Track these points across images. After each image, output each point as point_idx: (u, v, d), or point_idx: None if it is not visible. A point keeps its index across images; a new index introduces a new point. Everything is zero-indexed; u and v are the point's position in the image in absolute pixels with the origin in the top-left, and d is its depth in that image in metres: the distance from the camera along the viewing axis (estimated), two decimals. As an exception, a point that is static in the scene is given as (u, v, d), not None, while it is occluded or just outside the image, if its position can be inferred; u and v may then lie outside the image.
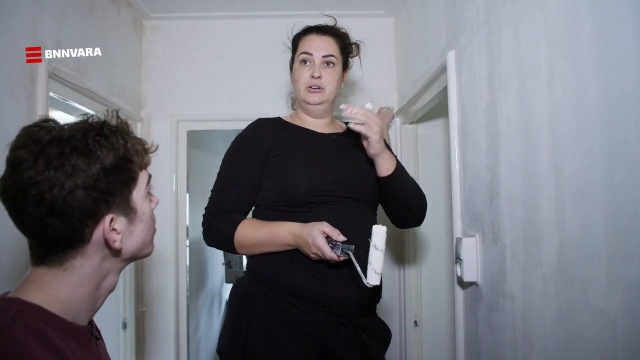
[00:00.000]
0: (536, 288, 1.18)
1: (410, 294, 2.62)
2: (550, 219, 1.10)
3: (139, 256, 0.95)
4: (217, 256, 4.35)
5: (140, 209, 0.91)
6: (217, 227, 1.55)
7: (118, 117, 0.94)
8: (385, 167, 1.52)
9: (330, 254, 1.35)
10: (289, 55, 1.79)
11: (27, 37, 1.62)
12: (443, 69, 1.84)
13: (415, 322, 2.62)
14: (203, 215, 1.59)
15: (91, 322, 0.92)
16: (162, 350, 2.61)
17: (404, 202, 1.62)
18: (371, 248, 1.32)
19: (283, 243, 1.47)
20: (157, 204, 0.98)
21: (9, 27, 1.54)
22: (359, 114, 1.41)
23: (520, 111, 1.24)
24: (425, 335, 2.62)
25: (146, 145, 0.95)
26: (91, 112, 2.06)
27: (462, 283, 1.66)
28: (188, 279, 2.70)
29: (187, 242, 2.74)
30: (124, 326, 2.46)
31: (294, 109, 1.82)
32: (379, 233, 1.32)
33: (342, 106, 1.41)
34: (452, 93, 1.74)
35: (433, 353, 2.62)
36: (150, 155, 0.96)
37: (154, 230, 0.97)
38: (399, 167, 1.56)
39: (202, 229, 1.59)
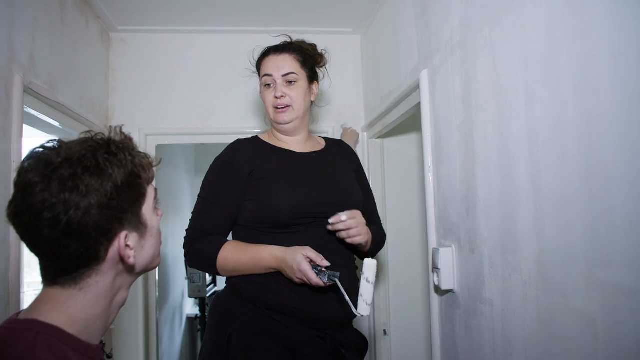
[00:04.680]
0: (515, 293, 1.26)
1: (379, 304, 2.69)
2: (529, 229, 1.19)
3: (148, 269, 0.96)
4: (179, 270, 4.28)
5: (150, 223, 0.92)
6: (200, 250, 1.54)
7: (122, 132, 0.95)
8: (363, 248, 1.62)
9: (315, 280, 1.37)
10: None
11: (3, 52, 1.59)
12: (415, 87, 1.93)
13: (385, 331, 2.69)
14: (184, 238, 1.59)
15: (102, 340, 0.92)
16: (130, 368, 2.56)
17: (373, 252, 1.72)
18: (362, 281, 1.36)
19: (266, 267, 1.49)
20: (162, 216, 1.00)
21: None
22: (343, 231, 1.49)
23: (497, 129, 1.33)
24: (394, 343, 2.70)
25: (150, 160, 0.97)
26: (57, 123, 2.04)
27: (438, 291, 1.74)
28: (157, 294, 2.66)
29: (156, 257, 2.70)
30: (92, 345, 2.38)
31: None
32: (370, 267, 1.36)
33: (330, 220, 1.48)
34: (425, 110, 1.83)
35: (402, 360, 2.70)
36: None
37: (160, 243, 0.98)
38: (372, 235, 1.63)
39: (183, 250, 1.59)
